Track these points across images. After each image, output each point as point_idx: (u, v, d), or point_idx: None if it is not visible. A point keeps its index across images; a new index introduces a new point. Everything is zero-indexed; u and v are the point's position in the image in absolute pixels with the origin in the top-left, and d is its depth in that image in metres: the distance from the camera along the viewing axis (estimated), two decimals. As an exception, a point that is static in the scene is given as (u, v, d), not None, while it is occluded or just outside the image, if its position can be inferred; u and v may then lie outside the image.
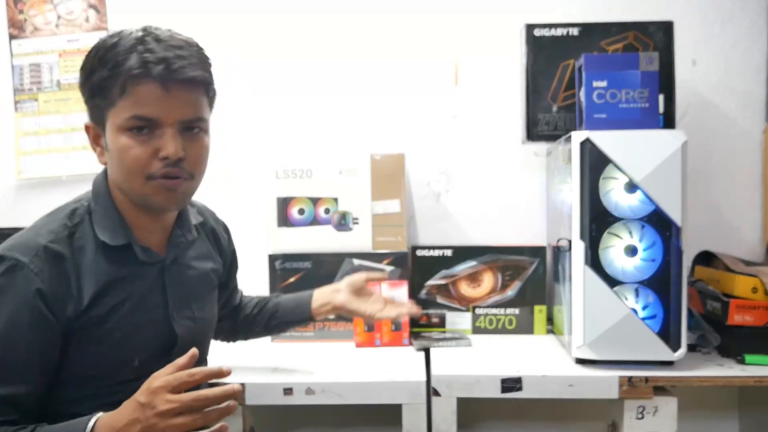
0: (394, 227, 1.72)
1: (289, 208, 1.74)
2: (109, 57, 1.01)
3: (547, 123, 1.67)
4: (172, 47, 1.02)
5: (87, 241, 1.07)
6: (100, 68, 1.02)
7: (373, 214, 1.73)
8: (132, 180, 1.04)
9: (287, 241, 1.73)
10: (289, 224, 1.74)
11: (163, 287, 1.14)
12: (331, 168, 1.74)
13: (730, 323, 1.43)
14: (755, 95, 1.86)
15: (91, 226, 1.08)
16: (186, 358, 0.95)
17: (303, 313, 1.44)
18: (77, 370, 1.05)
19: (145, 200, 1.07)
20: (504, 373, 1.36)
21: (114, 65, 1.00)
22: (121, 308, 1.07)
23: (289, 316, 1.45)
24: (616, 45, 1.64)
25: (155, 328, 1.12)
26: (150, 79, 1.00)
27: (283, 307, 1.45)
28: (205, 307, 1.24)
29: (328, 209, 1.73)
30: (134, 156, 1.02)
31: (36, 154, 1.95)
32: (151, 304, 1.11)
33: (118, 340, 1.07)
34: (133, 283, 1.10)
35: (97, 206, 1.09)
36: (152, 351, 1.11)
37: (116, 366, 1.07)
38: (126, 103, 1.01)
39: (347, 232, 1.73)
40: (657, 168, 1.35)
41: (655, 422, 1.35)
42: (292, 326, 1.50)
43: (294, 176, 1.74)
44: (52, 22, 1.95)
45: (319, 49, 1.92)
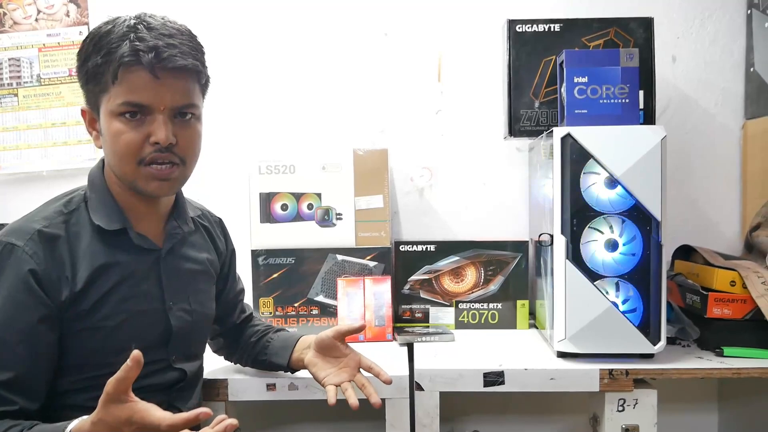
0: (378, 223, 1.72)
1: (272, 203, 1.73)
2: (102, 44, 1.03)
3: (529, 118, 1.68)
4: (163, 35, 1.03)
5: (83, 226, 1.08)
6: (93, 55, 1.04)
7: (357, 209, 1.72)
8: (124, 164, 1.06)
9: (270, 236, 1.72)
10: (272, 220, 1.73)
11: (159, 277, 1.14)
12: (314, 163, 1.73)
13: (709, 316, 1.45)
14: (734, 91, 1.88)
15: (87, 212, 1.09)
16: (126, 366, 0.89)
17: (283, 358, 1.33)
18: (74, 359, 1.05)
19: (136, 186, 1.08)
20: (486, 367, 1.37)
21: (107, 52, 1.02)
22: (115, 294, 1.07)
23: (273, 357, 1.35)
24: (597, 41, 1.65)
25: (150, 318, 1.12)
26: (140, 67, 1.01)
27: (273, 346, 1.36)
28: (202, 301, 1.23)
29: (312, 205, 1.73)
30: (126, 141, 1.04)
31: (16, 150, 1.93)
32: (146, 293, 1.12)
33: (113, 327, 1.07)
34: (128, 269, 1.10)
35: (93, 193, 1.10)
36: (148, 341, 1.10)
37: (112, 354, 1.05)
38: (118, 90, 1.02)
39: (330, 228, 1.73)
40: (637, 163, 1.36)
41: (635, 414, 1.36)
42: (273, 369, 1.37)
43: (277, 172, 1.73)
44: (32, 16, 1.92)
45: (301, 44, 1.91)
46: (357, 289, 1.69)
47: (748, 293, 1.42)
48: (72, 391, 1.06)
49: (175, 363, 1.17)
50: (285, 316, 1.73)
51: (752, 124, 1.84)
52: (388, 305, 1.69)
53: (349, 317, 1.68)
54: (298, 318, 1.73)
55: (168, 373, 1.16)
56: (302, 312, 1.73)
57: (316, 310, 1.73)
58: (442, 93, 1.91)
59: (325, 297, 1.73)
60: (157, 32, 1.03)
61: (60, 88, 1.92)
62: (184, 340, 1.18)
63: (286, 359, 1.33)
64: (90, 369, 1.06)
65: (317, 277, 1.72)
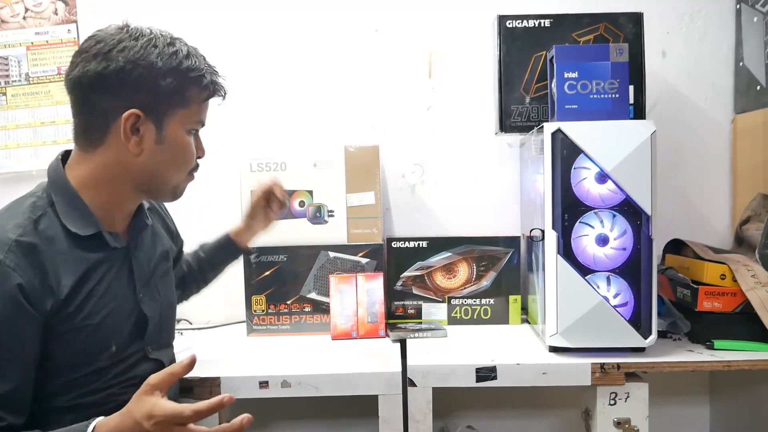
0: (370, 219, 1.72)
1: None
2: (188, 65, 1.11)
3: (520, 114, 1.69)
4: (214, 67, 1.18)
5: (55, 231, 1.06)
6: (178, 71, 1.09)
7: (348, 206, 1.73)
8: (181, 172, 1.16)
9: (261, 234, 1.72)
10: None
11: (130, 271, 1.16)
12: (306, 161, 1.73)
13: (699, 309, 1.46)
14: (724, 86, 1.89)
15: (56, 216, 1.08)
16: (182, 367, 0.99)
17: (227, 243, 1.56)
18: (56, 362, 1.05)
19: (177, 190, 1.19)
20: (479, 363, 1.37)
21: (198, 75, 1.12)
22: (95, 295, 1.08)
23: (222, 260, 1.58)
24: (587, 36, 1.66)
25: (126, 312, 1.15)
26: (216, 95, 1.18)
27: (214, 256, 1.57)
28: (167, 287, 1.28)
29: (303, 202, 1.73)
30: (192, 153, 1.17)
31: (5, 149, 1.92)
32: (120, 288, 1.14)
33: (95, 327, 1.08)
34: (103, 270, 1.11)
35: (59, 197, 1.09)
36: (126, 335, 1.14)
37: (94, 353, 1.08)
38: (198, 110, 1.15)
39: (322, 225, 1.73)
40: (627, 158, 1.37)
41: (627, 408, 1.37)
42: (224, 261, 1.59)
43: (268, 169, 1.73)
44: (20, 14, 1.91)
45: (291, 41, 1.91)
46: (349, 285, 1.69)
47: (738, 286, 1.43)
48: (56, 393, 1.06)
49: (151, 353, 1.19)
50: (278, 314, 1.73)
51: (742, 119, 1.85)
52: (380, 302, 1.69)
53: (342, 314, 1.68)
54: (291, 315, 1.73)
55: (145, 365, 1.18)
56: (295, 309, 1.73)
57: (308, 308, 1.73)
58: (433, 89, 1.91)
59: (318, 294, 1.73)
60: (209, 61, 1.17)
61: (49, 87, 1.91)
62: (157, 329, 1.21)
63: (229, 240, 1.56)
64: (73, 371, 1.07)
65: (309, 274, 1.72)
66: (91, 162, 1.10)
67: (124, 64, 1.05)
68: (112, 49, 1.05)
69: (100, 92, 1.07)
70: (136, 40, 1.07)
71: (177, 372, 0.98)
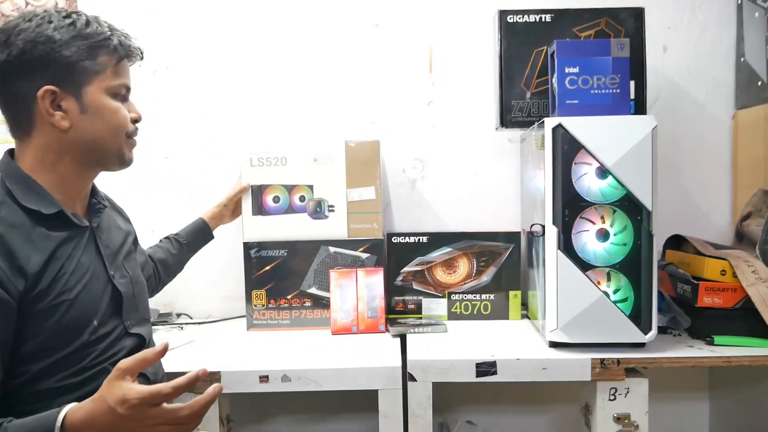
0: (370, 214, 1.72)
1: (263, 196, 1.73)
2: (89, 32, 1.12)
3: (520, 109, 1.68)
4: (124, 31, 1.19)
5: (17, 217, 1.07)
6: (80, 39, 1.10)
7: (349, 201, 1.72)
8: (116, 137, 1.16)
9: (262, 229, 1.73)
10: (264, 212, 1.74)
11: (97, 249, 1.18)
12: (306, 155, 1.73)
13: (699, 305, 1.46)
14: (724, 81, 1.88)
15: (16, 202, 1.09)
16: (154, 353, 0.99)
17: (203, 227, 1.71)
18: (39, 343, 1.05)
19: (122, 155, 1.18)
20: (479, 358, 1.38)
21: (103, 39, 1.13)
22: (67, 270, 1.10)
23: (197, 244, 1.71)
24: (588, 31, 1.65)
25: (101, 288, 1.16)
26: (130, 58, 1.19)
27: (191, 241, 1.70)
28: (134, 267, 1.29)
29: (304, 197, 1.73)
30: (123, 116, 1.16)
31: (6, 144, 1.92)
32: (91, 265, 1.15)
33: (72, 302, 1.09)
34: (72, 246, 1.13)
35: (15, 185, 1.10)
36: (104, 310, 1.15)
37: (76, 329, 1.09)
38: (114, 73, 1.14)
39: (323, 220, 1.73)
40: (628, 153, 1.37)
41: (627, 403, 1.37)
42: (199, 245, 1.72)
43: (268, 164, 1.73)
44: (20, 8, 1.91)
45: (293, 37, 1.91)
46: (350, 280, 1.69)
47: (739, 282, 1.43)
48: (44, 375, 1.06)
49: (131, 328, 1.21)
50: (278, 309, 1.73)
51: (743, 114, 1.85)
52: (380, 297, 1.69)
53: (342, 309, 1.68)
54: (291, 310, 1.73)
55: (127, 340, 1.19)
56: (295, 304, 1.73)
57: (308, 302, 1.73)
58: (434, 84, 1.91)
59: (318, 289, 1.73)
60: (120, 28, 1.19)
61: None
62: (132, 305, 1.23)
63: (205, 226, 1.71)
64: (56, 351, 1.07)
65: (310, 269, 1.72)
66: (31, 149, 1.12)
67: (24, 46, 1.07)
68: (10, 35, 1.08)
69: (11, 79, 1.09)
70: (30, 21, 1.09)
71: (149, 358, 0.98)
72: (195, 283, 1.88)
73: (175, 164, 1.92)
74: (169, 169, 1.92)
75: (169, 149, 1.92)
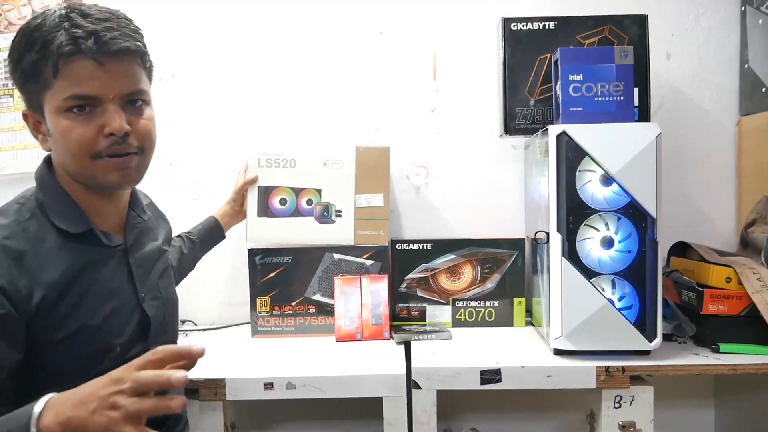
0: (377, 221, 1.72)
1: (270, 197, 1.73)
2: (35, 38, 0.98)
3: (524, 116, 1.69)
4: (99, 20, 1.00)
5: (45, 233, 1.03)
6: (27, 51, 0.99)
7: (357, 207, 1.72)
8: (79, 161, 1.02)
9: (267, 231, 1.73)
10: (270, 214, 1.73)
11: (129, 271, 1.13)
12: (315, 159, 1.73)
13: (704, 313, 1.46)
14: (729, 88, 1.88)
15: (46, 217, 1.05)
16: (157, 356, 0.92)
17: (216, 225, 1.70)
18: (59, 369, 1.03)
19: (96, 180, 1.05)
20: (483, 365, 1.37)
21: (42, 45, 0.97)
22: (91, 295, 1.05)
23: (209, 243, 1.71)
24: (591, 39, 1.66)
25: (127, 312, 1.11)
26: (82, 55, 0.98)
27: (203, 239, 1.68)
28: (168, 286, 1.24)
29: (311, 200, 1.73)
30: (78, 136, 1.00)
31: (12, 150, 1.93)
32: (119, 288, 1.10)
33: (95, 328, 1.05)
34: (99, 269, 1.08)
35: (47, 197, 1.06)
36: (129, 335, 1.10)
37: (98, 355, 1.05)
38: (62, 84, 0.98)
39: (329, 225, 1.73)
40: (632, 160, 1.37)
41: (632, 411, 1.36)
42: (211, 244, 1.72)
43: (277, 165, 1.72)
44: (27, 17, 1.92)
45: (297, 42, 1.91)
46: (354, 287, 1.69)
47: (744, 290, 1.43)
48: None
49: None
50: (282, 315, 1.73)
51: (747, 121, 1.85)
52: (385, 304, 1.69)
53: (347, 316, 1.68)
54: (296, 317, 1.73)
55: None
56: (299, 311, 1.73)
57: (313, 309, 1.73)
58: (438, 91, 1.91)
59: (322, 296, 1.73)
60: (93, 17, 0.99)
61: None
62: (161, 330, 1.18)
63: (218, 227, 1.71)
64: (77, 375, 1.00)
65: (314, 275, 1.72)
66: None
67: (11, 67, 1.03)
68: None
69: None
70: (15, 36, 1.01)
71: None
72: (199, 289, 1.89)
73: (180, 170, 1.93)
74: (175, 174, 1.92)
75: (174, 155, 1.92)
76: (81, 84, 0.98)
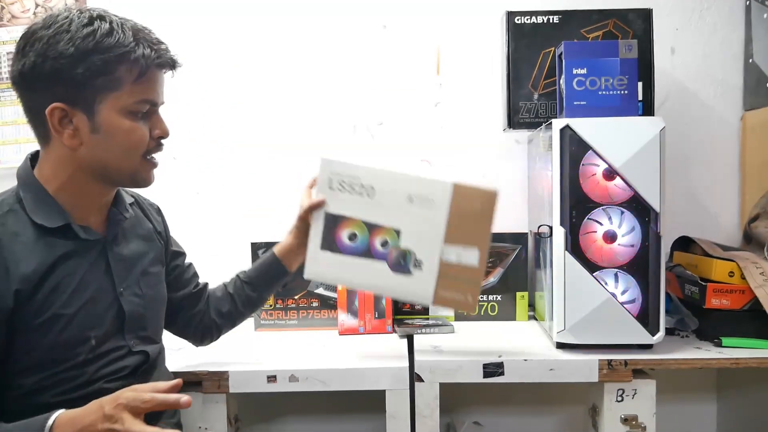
0: (466, 283, 1.33)
1: (339, 228, 1.36)
2: (109, 43, 1.04)
3: (528, 110, 1.68)
4: (154, 36, 1.11)
5: (21, 227, 1.06)
6: (96, 53, 1.03)
7: (443, 260, 1.33)
8: (130, 158, 1.10)
9: (329, 268, 1.37)
10: (335, 249, 1.36)
11: (107, 265, 1.14)
12: (400, 190, 1.34)
13: (707, 307, 1.46)
14: (733, 83, 1.88)
15: (23, 212, 1.07)
16: (167, 385, 0.97)
17: (278, 269, 1.41)
18: (34, 358, 1.05)
19: (136, 177, 1.13)
20: (486, 359, 1.38)
21: (124, 52, 1.04)
22: (66, 287, 1.07)
23: (266, 282, 1.43)
24: (596, 33, 1.65)
25: (104, 305, 1.13)
26: (161, 67, 1.10)
27: (255, 277, 1.42)
28: (152, 284, 1.24)
29: (386, 242, 1.35)
30: (139, 137, 1.10)
31: (15, 144, 1.94)
32: (95, 281, 1.12)
33: (68, 320, 1.06)
34: (75, 261, 1.09)
35: (27, 194, 1.09)
36: (105, 328, 1.12)
37: (72, 346, 1.07)
38: (138, 88, 1.07)
39: (404, 276, 1.35)
40: (636, 154, 1.37)
41: (634, 405, 1.37)
42: (273, 289, 1.46)
43: (351, 190, 1.36)
44: (30, 9, 1.92)
45: (301, 39, 1.91)
46: (357, 281, 1.68)
47: (747, 284, 1.43)
48: (38, 390, 1.05)
49: (135, 347, 1.17)
50: (285, 309, 1.74)
51: (751, 116, 1.84)
52: (387, 297, 1.69)
53: (349, 309, 1.68)
54: (299, 310, 1.74)
55: (130, 357, 1.16)
56: (302, 305, 1.74)
57: (316, 303, 1.74)
58: (441, 85, 1.91)
59: (325, 290, 1.73)
60: (149, 32, 1.10)
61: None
62: (138, 324, 1.18)
63: (281, 266, 1.41)
64: (53, 365, 1.06)
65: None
66: (49, 159, 1.10)
67: (35, 59, 1.03)
68: (26, 44, 1.04)
69: (25, 91, 1.07)
70: (48, 28, 1.03)
71: (160, 387, 0.97)
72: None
73: (183, 163, 1.93)
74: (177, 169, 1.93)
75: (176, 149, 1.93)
76: (153, 91, 1.10)
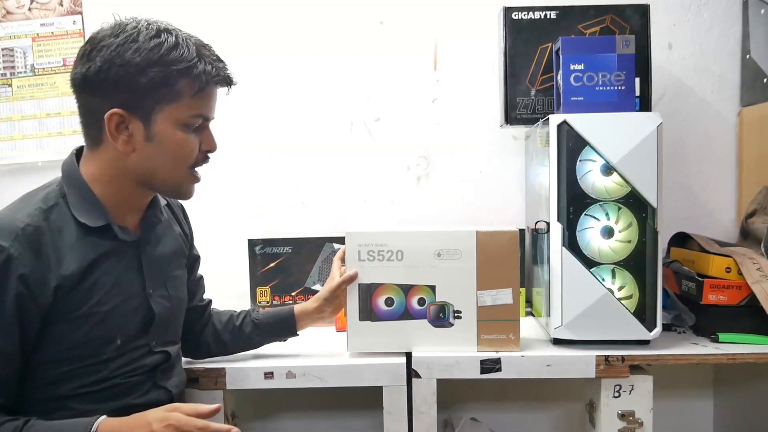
0: (506, 323, 1.41)
1: (374, 297, 1.42)
2: (174, 56, 1.07)
3: (525, 106, 1.68)
4: (215, 53, 1.15)
5: (65, 222, 1.08)
6: (161, 65, 1.06)
7: (480, 306, 1.41)
8: (178, 169, 1.14)
9: (372, 338, 1.42)
10: (374, 317, 1.42)
11: (140, 266, 1.17)
12: (427, 249, 1.41)
13: (704, 303, 1.46)
14: (730, 78, 1.88)
15: (67, 208, 1.10)
16: (209, 409, 1.03)
17: (288, 326, 1.44)
18: (60, 350, 1.07)
19: (180, 188, 1.17)
20: (483, 355, 1.38)
21: (187, 66, 1.08)
22: (102, 286, 1.10)
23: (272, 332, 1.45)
24: (593, 28, 1.65)
25: (133, 306, 1.15)
26: (218, 85, 1.14)
27: (265, 324, 1.44)
28: (177, 286, 1.27)
29: (423, 299, 1.41)
30: (190, 149, 1.13)
31: (10, 140, 1.93)
32: (128, 282, 1.15)
33: (101, 318, 1.09)
34: (112, 261, 1.12)
35: (71, 189, 1.11)
36: (132, 329, 1.15)
37: (99, 344, 1.10)
38: (196, 102, 1.11)
39: (446, 329, 1.42)
40: (633, 150, 1.37)
41: (631, 400, 1.37)
42: (272, 341, 1.47)
43: (381, 258, 1.41)
44: (25, 5, 1.91)
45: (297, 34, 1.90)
46: (354, 277, 1.68)
47: (744, 280, 1.43)
48: (60, 380, 1.08)
49: (156, 348, 1.20)
50: (282, 305, 1.73)
51: (748, 112, 1.84)
52: (385, 294, 1.68)
53: (347, 306, 1.68)
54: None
55: (150, 357, 1.19)
56: (299, 301, 1.73)
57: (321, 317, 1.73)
58: (438, 81, 1.91)
59: (323, 286, 1.72)
60: (210, 48, 1.14)
61: (54, 78, 1.91)
62: (163, 327, 1.21)
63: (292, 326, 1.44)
64: (78, 361, 1.08)
65: (314, 266, 1.72)
66: (97, 159, 1.13)
67: (101, 65, 1.05)
68: (93, 49, 1.07)
69: (86, 93, 1.09)
70: (116, 36, 1.07)
71: (201, 411, 1.02)
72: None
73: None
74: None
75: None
76: (208, 106, 1.14)
